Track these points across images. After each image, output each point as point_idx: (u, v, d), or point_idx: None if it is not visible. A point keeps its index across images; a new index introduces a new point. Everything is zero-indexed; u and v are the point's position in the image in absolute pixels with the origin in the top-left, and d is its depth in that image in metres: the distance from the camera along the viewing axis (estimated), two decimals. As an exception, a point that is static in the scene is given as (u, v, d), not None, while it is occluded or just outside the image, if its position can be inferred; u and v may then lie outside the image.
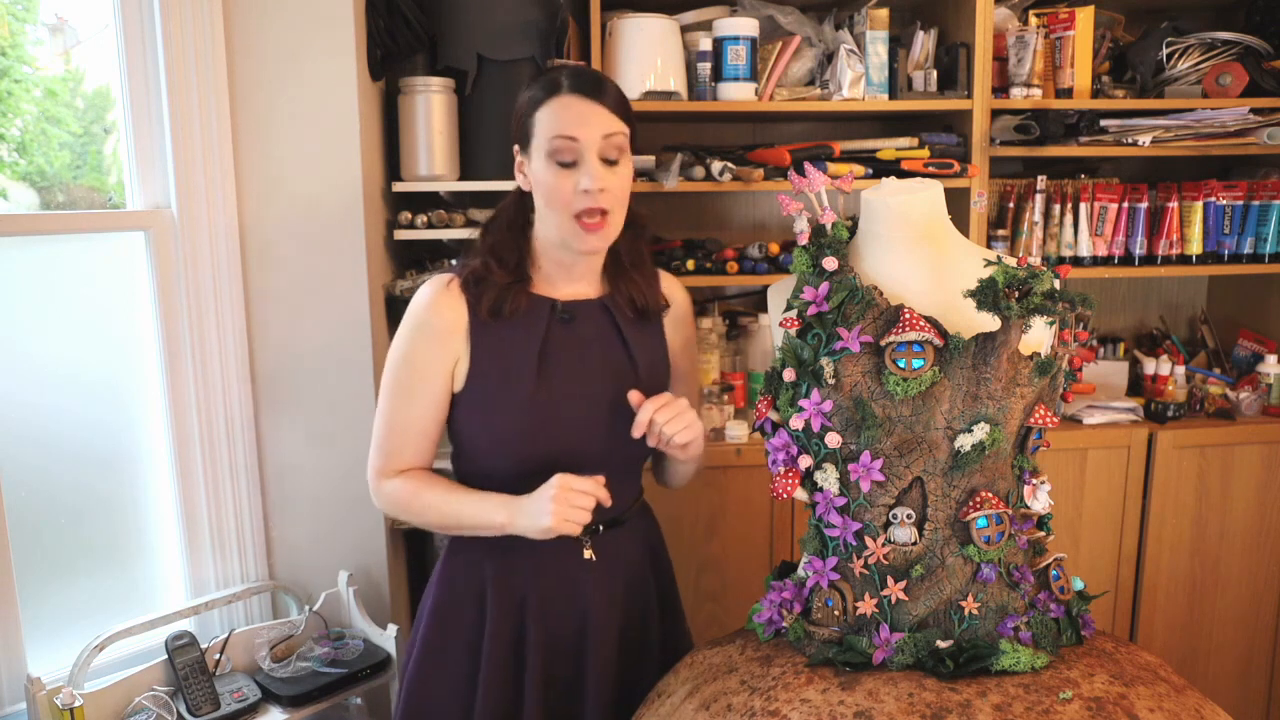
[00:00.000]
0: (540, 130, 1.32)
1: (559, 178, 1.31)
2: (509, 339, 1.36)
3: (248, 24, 1.90)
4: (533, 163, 1.34)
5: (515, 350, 1.36)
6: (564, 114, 1.31)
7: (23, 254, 1.76)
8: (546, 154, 1.31)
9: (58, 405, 1.81)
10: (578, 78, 1.34)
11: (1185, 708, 1.16)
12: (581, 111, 1.31)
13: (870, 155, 2.28)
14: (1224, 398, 2.42)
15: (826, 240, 1.31)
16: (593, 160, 1.31)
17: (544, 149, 1.32)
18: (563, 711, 1.42)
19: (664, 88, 2.23)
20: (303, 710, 1.83)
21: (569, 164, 1.31)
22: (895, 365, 1.21)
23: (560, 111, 1.31)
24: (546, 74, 1.37)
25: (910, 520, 1.24)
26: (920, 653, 1.22)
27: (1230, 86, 2.33)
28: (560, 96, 1.32)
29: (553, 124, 1.31)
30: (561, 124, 1.30)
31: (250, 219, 1.96)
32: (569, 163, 1.31)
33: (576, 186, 1.31)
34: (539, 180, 1.34)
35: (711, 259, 2.31)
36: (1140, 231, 2.42)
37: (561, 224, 1.34)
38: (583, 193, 1.31)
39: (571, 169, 1.31)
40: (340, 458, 2.05)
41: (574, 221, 1.33)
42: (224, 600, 1.97)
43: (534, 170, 1.34)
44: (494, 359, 1.36)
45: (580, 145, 1.30)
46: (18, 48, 1.80)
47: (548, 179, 1.32)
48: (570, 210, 1.32)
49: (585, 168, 1.31)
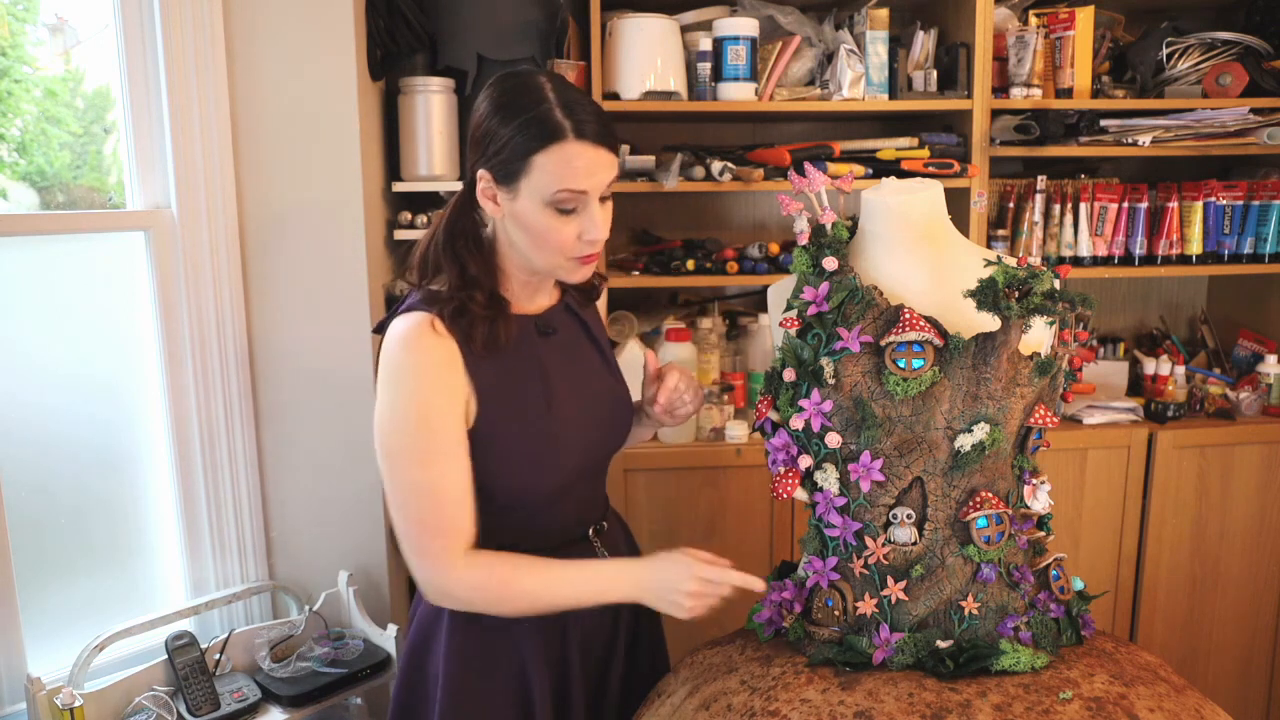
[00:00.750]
0: (540, 178, 1.19)
1: (559, 224, 1.21)
2: (507, 369, 1.28)
3: (248, 24, 1.90)
4: (520, 202, 1.21)
5: (519, 381, 1.29)
6: (574, 165, 1.19)
7: (23, 254, 1.76)
8: (546, 202, 1.20)
9: (58, 405, 1.81)
10: (584, 122, 1.19)
11: (1185, 708, 1.16)
12: (591, 161, 1.20)
13: (870, 155, 2.28)
14: (1224, 398, 2.42)
15: (826, 240, 1.31)
16: (595, 207, 1.23)
17: (543, 197, 1.20)
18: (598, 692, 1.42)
19: (664, 88, 2.23)
20: (303, 710, 1.83)
21: (568, 211, 1.22)
22: (895, 365, 1.21)
23: (571, 161, 1.18)
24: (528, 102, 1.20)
25: (910, 520, 1.24)
26: (920, 653, 1.22)
27: (1230, 86, 2.33)
28: (568, 144, 1.18)
29: (560, 175, 1.18)
30: (572, 177, 1.19)
31: (250, 219, 1.96)
32: (569, 210, 1.21)
33: (580, 235, 1.23)
34: (530, 223, 1.22)
35: (711, 259, 2.31)
36: (1140, 231, 2.42)
37: (554, 264, 1.26)
38: (584, 241, 1.23)
39: (569, 216, 1.22)
40: (340, 458, 2.05)
41: (570, 260, 1.25)
42: (224, 600, 1.97)
43: (521, 210, 1.22)
44: (501, 392, 1.27)
45: (587, 195, 1.21)
46: (18, 48, 1.80)
47: (543, 223, 1.21)
48: (568, 255, 1.24)
49: (588, 215, 1.22)
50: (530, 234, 1.23)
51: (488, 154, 1.22)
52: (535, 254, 1.26)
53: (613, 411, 1.41)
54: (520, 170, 1.20)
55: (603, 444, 1.41)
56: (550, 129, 1.18)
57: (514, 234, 1.26)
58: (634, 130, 2.50)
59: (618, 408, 1.43)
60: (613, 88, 2.24)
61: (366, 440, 1.42)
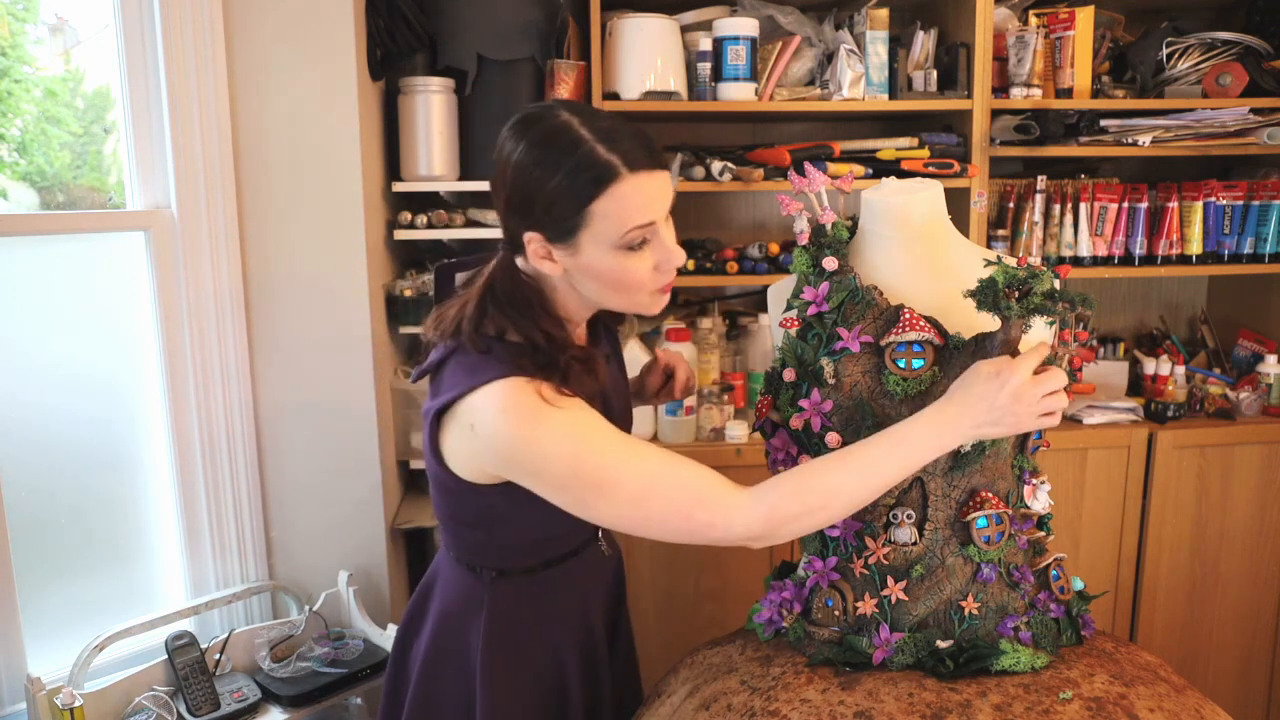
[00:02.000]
0: (602, 225, 1.11)
1: (634, 262, 1.14)
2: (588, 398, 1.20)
3: (248, 24, 1.90)
4: (583, 254, 1.14)
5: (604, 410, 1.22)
6: (636, 201, 1.11)
7: (23, 254, 1.76)
8: (615, 247, 1.12)
9: (58, 405, 1.81)
10: (632, 151, 1.11)
11: (1185, 708, 1.16)
12: (651, 190, 1.12)
13: (870, 155, 2.28)
14: (1224, 398, 2.42)
15: (826, 240, 1.31)
16: (665, 232, 1.16)
17: (611, 243, 1.12)
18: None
19: (664, 88, 2.23)
20: (303, 710, 1.83)
21: (639, 245, 1.14)
22: (895, 365, 1.21)
23: (630, 198, 1.10)
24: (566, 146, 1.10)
25: (910, 520, 1.24)
26: (920, 653, 1.22)
27: (1230, 86, 2.33)
28: (624, 181, 1.10)
29: (624, 217, 1.11)
30: (636, 213, 1.11)
31: (250, 219, 1.96)
32: (640, 244, 1.14)
33: (658, 266, 1.16)
34: (601, 271, 1.14)
35: (711, 259, 2.31)
36: (1140, 231, 2.42)
37: (634, 302, 1.19)
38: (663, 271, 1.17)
39: (642, 248, 1.14)
40: (340, 458, 2.05)
41: (652, 295, 1.19)
42: (224, 600, 1.97)
43: (588, 262, 1.14)
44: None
45: (655, 225, 1.14)
46: (18, 48, 1.80)
47: (618, 267, 1.14)
48: (648, 289, 1.18)
49: (659, 243, 1.16)
50: (604, 281, 1.16)
51: (534, 215, 1.13)
52: (613, 298, 1.19)
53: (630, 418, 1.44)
54: (578, 224, 1.11)
55: None
56: (601, 171, 1.10)
57: (582, 285, 1.18)
58: (634, 130, 2.49)
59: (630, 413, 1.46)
60: (613, 88, 2.24)
61: (367, 440, 1.42)
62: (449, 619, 1.34)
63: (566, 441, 1.12)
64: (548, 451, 1.12)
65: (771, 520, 1.12)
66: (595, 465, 1.12)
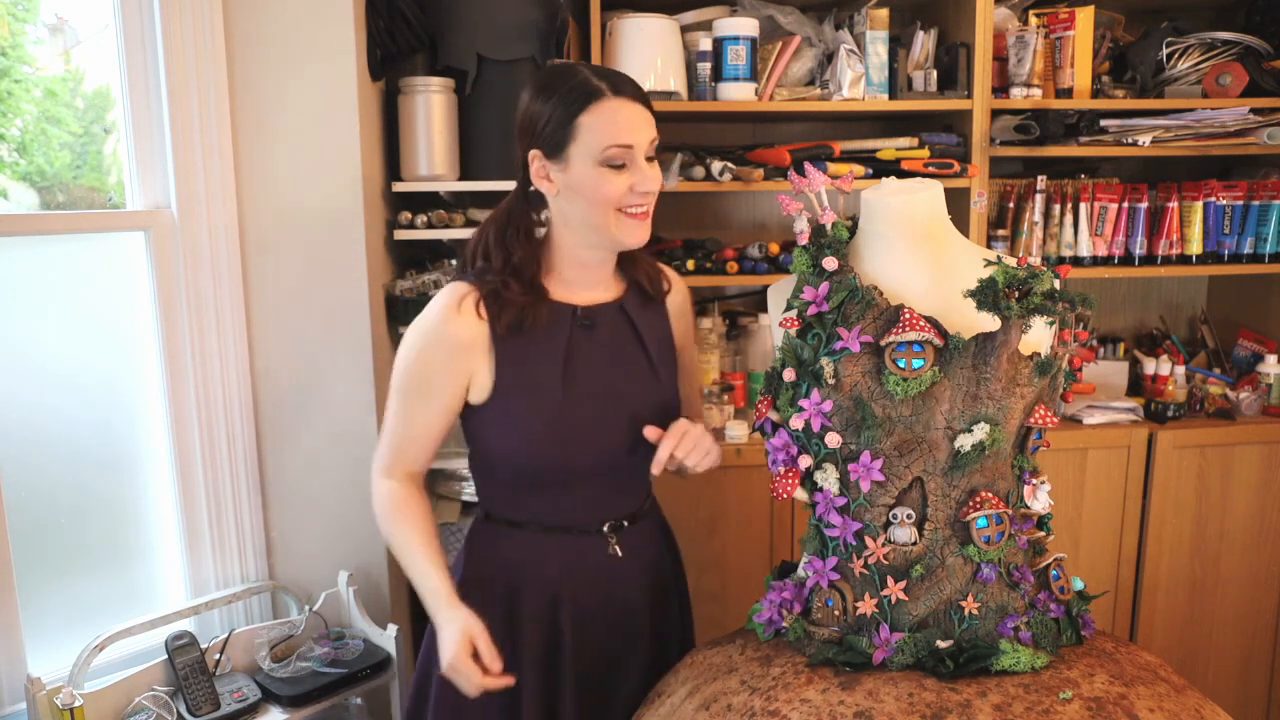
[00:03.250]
0: (588, 138, 1.28)
1: (610, 180, 1.30)
2: (533, 351, 1.35)
3: (248, 24, 1.90)
4: (572, 168, 1.31)
5: (540, 362, 1.35)
6: (618, 120, 1.29)
7: (23, 254, 1.76)
8: (598, 161, 1.29)
9: (58, 405, 1.81)
10: (619, 82, 1.31)
11: (1185, 708, 1.16)
12: (633, 115, 1.30)
13: (870, 155, 2.28)
14: (1224, 398, 2.42)
15: (826, 240, 1.31)
16: (644, 162, 1.32)
17: (594, 156, 1.29)
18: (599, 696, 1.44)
19: (664, 88, 2.23)
20: (303, 710, 1.83)
21: (619, 167, 1.30)
22: (895, 365, 1.21)
23: (613, 117, 1.29)
24: (565, 77, 1.31)
25: (910, 520, 1.24)
26: (920, 653, 1.22)
27: (1230, 86, 2.33)
28: (607, 101, 1.29)
29: (607, 132, 1.28)
30: (618, 132, 1.29)
31: (250, 219, 1.96)
32: (619, 166, 1.30)
33: (633, 187, 1.31)
34: (583, 184, 1.31)
35: (711, 259, 2.31)
36: (1140, 231, 2.42)
37: (607, 220, 1.32)
38: (637, 192, 1.31)
39: (621, 170, 1.30)
40: (340, 458, 2.05)
41: (620, 214, 1.32)
42: (224, 600, 1.97)
43: (575, 176, 1.31)
44: (519, 372, 1.35)
45: (634, 150, 1.30)
46: (18, 48, 1.80)
47: (596, 181, 1.30)
48: (617, 205, 1.31)
49: (637, 170, 1.31)
50: (584, 195, 1.31)
51: (534, 133, 1.32)
52: (591, 214, 1.32)
53: (639, 407, 1.41)
54: (567, 137, 1.29)
55: (622, 447, 1.40)
56: (589, 91, 1.28)
57: (569, 208, 1.34)
58: (634, 130, 2.49)
59: (648, 406, 1.42)
60: (613, 88, 2.24)
61: (366, 438, 1.44)
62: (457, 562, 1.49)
63: (413, 351, 1.36)
64: (409, 340, 1.37)
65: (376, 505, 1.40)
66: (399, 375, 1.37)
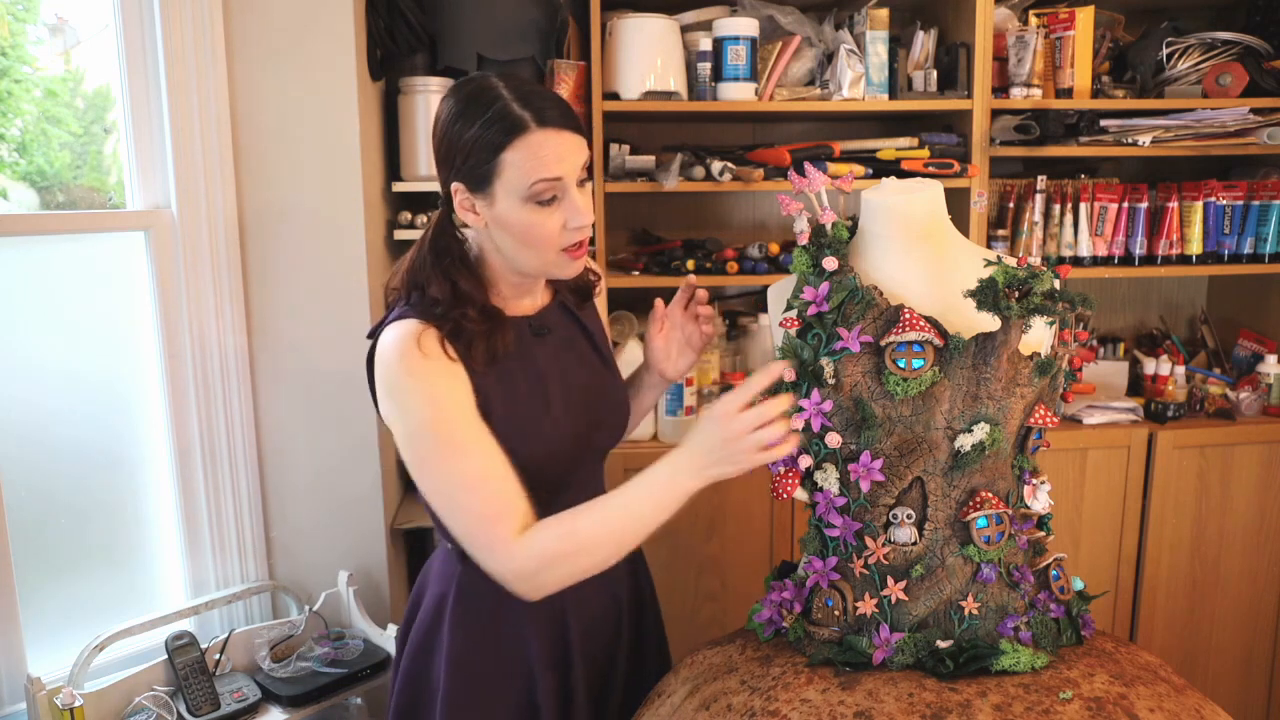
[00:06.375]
0: (512, 175, 1.18)
1: (542, 217, 1.20)
2: (506, 371, 1.28)
3: (248, 24, 1.91)
4: (498, 206, 1.21)
5: (516, 381, 1.29)
6: (542, 154, 1.18)
7: (23, 254, 1.76)
8: (525, 197, 1.19)
9: (58, 405, 1.81)
10: (543, 110, 1.19)
11: (1185, 708, 1.16)
12: (559, 146, 1.19)
13: (870, 155, 2.28)
14: (1224, 398, 2.42)
15: (826, 240, 1.31)
16: (575, 193, 1.22)
17: (520, 193, 1.19)
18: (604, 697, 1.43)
19: (664, 88, 2.23)
20: (303, 710, 1.83)
21: (549, 201, 1.20)
22: (895, 365, 1.21)
23: (538, 151, 1.18)
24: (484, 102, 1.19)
25: (910, 520, 1.24)
26: (920, 653, 1.22)
27: (1230, 86, 2.33)
28: (532, 134, 1.17)
29: (532, 167, 1.18)
30: (543, 166, 1.18)
31: (250, 219, 1.96)
32: (549, 200, 1.20)
33: (565, 224, 1.22)
34: (512, 223, 1.21)
35: (711, 259, 2.31)
36: (1140, 231, 2.42)
37: (545, 260, 1.25)
38: (571, 229, 1.22)
39: (552, 205, 1.20)
40: (340, 458, 2.05)
41: (560, 254, 1.24)
42: (224, 600, 1.97)
43: (502, 213, 1.21)
44: (497, 396, 1.26)
45: (564, 181, 1.20)
46: (18, 48, 1.80)
47: (527, 220, 1.20)
48: (556, 247, 1.23)
49: (569, 203, 1.21)
50: (515, 235, 1.22)
51: (456, 165, 1.21)
52: (525, 255, 1.24)
53: (606, 406, 1.41)
54: (491, 172, 1.19)
55: (595, 438, 1.40)
56: (511, 123, 1.17)
57: (500, 240, 1.24)
58: (634, 130, 2.50)
59: (612, 403, 1.43)
60: (613, 88, 2.24)
61: (367, 440, 1.43)
62: (434, 601, 1.37)
63: (428, 406, 1.18)
64: (409, 404, 1.19)
65: (542, 559, 1.16)
66: (434, 439, 1.18)
